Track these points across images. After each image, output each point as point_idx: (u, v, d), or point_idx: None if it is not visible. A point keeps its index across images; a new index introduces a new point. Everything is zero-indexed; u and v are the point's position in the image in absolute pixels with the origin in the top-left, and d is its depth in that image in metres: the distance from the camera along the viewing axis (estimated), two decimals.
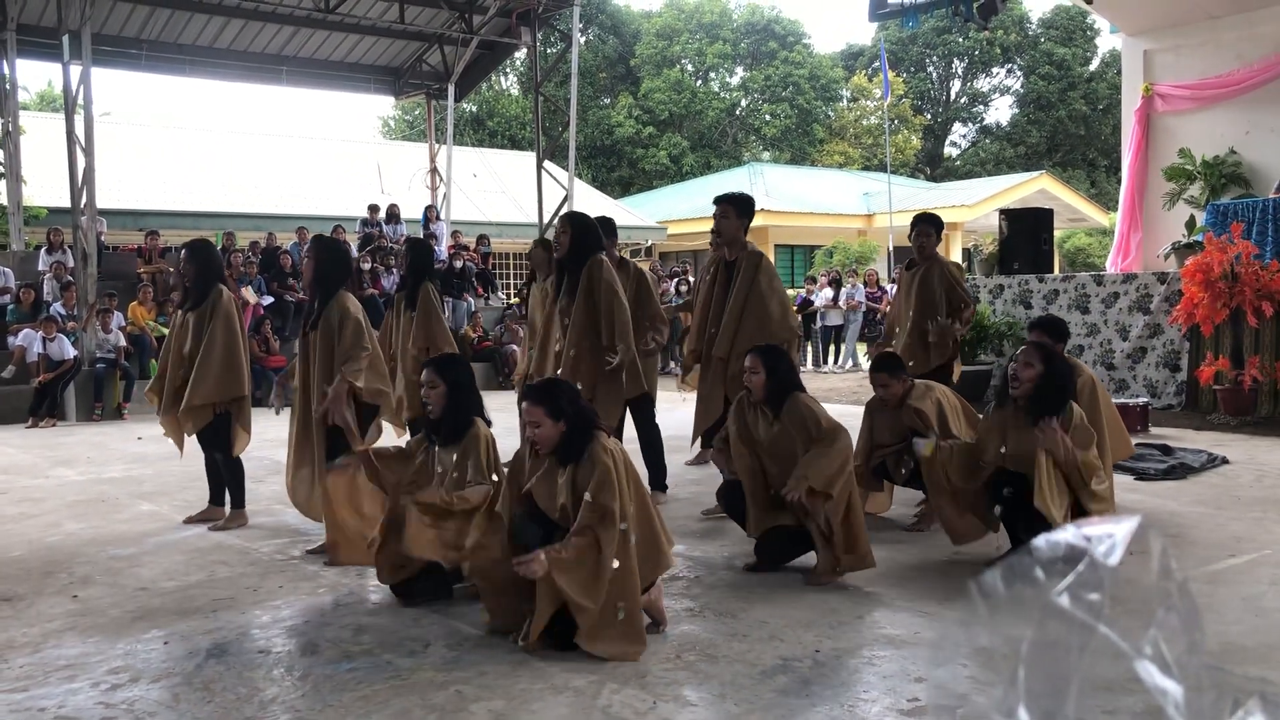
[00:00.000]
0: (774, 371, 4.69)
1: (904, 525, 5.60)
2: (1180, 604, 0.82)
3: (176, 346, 6.00)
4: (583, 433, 3.84)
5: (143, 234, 16.19)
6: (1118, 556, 0.80)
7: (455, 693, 3.34)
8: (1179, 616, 0.81)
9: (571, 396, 3.93)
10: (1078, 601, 0.80)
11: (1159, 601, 0.82)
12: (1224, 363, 9.46)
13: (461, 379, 4.42)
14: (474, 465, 4.24)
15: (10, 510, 6.70)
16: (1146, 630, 0.82)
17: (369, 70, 19.14)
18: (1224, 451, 7.71)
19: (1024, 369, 4.64)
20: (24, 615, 4.36)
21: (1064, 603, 0.80)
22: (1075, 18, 40.94)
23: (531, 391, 3.95)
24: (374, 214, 17.28)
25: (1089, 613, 0.79)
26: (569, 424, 3.82)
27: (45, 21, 14.74)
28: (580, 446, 3.81)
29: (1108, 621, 0.80)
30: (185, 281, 6.12)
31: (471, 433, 4.31)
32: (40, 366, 12.03)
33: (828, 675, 3.45)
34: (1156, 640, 0.79)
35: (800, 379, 4.89)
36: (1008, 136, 43.79)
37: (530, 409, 3.86)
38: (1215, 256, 9.42)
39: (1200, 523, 5.59)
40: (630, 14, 43.64)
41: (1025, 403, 4.62)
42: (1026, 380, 4.61)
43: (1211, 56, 12.96)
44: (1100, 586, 0.79)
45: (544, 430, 3.83)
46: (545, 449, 3.87)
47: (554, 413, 3.82)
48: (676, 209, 29.32)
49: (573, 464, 3.82)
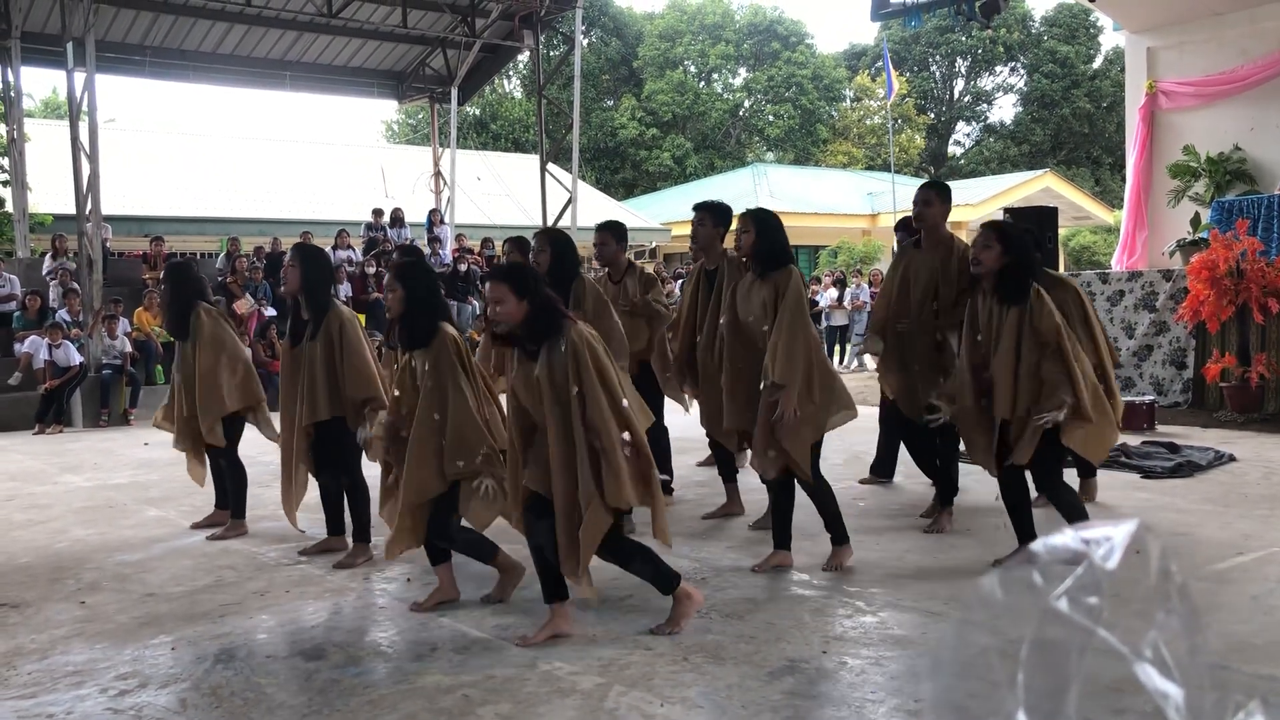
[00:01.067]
0: (764, 234, 4.73)
1: (921, 528, 5.54)
2: (1180, 606, 0.82)
3: (178, 380, 6.06)
4: (549, 314, 3.74)
5: (148, 240, 16.23)
6: (1117, 559, 0.80)
7: (462, 696, 3.34)
8: (1179, 618, 0.81)
9: (537, 279, 3.84)
10: (1078, 604, 0.80)
11: (1159, 603, 0.82)
12: (1230, 360, 9.43)
13: (419, 288, 4.33)
14: (446, 365, 4.20)
15: (18, 517, 6.71)
16: (1148, 631, 0.82)
17: (372, 74, 19.18)
18: (1231, 449, 7.69)
19: (982, 250, 4.55)
20: (32, 621, 4.37)
21: (1064, 605, 0.80)
22: (1078, 15, 40.89)
23: (496, 270, 3.87)
24: (378, 218, 17.30)
25: (1089, 615, 0.79)
26: (533, 304, 3.72)
27: (49, 29, 14.78)
28: (545, 328, 3.72)
29: (1109, 623, 0.80)
30: (162, 308, 6.09)
31: (439, 338, 4.26)
32: (46, 373, 12.06)
33: (835, 676, 3.45)
34: (1157, 642, 0.79)
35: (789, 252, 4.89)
36: (1011, 135, 43.73)
37: (495, 286, 3.75)
38: (1221, 253, 9.40)
39: (1208, 521, 5.58)
40: (633, 16, 43.65)
41: (989, 286, 4.56)
42: (987, 261, 4.54)
43: (1215, 53, 12.92)
44: (1100, 589, 0.79)
45: (507, 307, 3.71)
46: (507, 326, 3.76)
47: (519, 290, 3.73)
48: (680, 210, 29.22)
49: (545, 350, 3.73)
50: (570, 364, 3.66)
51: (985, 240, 4.57)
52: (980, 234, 4.63)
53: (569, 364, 3.66)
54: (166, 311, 6.00)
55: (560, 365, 3.68)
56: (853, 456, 7.86)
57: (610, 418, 3.64)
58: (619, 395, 3.68)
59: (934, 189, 5.63)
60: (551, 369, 3.70)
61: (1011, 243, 4.55)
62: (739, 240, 4.85)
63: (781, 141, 42.45)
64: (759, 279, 4.76)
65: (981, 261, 4.55)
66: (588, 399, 3.63)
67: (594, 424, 3.63)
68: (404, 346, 4.38)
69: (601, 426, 3.62)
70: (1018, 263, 4.53)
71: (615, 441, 3.63)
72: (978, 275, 4.62)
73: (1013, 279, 4.51)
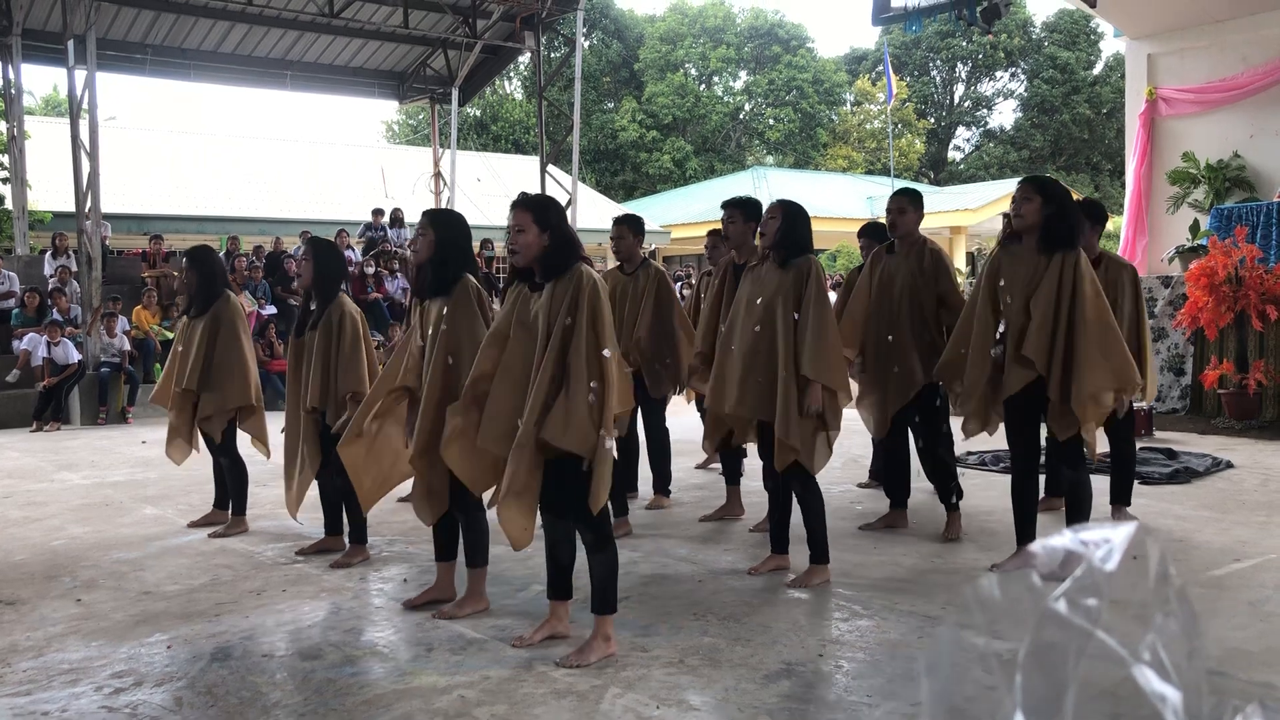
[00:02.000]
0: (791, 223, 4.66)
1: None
2: (1179, 609, 0.82)
3: (182, 353, 6.02)
4: (566, 249, 3.71)
5: (147, 238, 16.23)
6: (1115, 561, 0.80)
7: (458, 697, 3.34)
8: (1178, 621, 0.81)
9: (561, 213, 3.82)
10: (1075, 607, 0.80)
11: (1158, 606, 0.82)
12: (1228, 366, 9.44)
13: (452, 235, 4.32)
14: (465, 313, 4.19)
15: (14, 514, 6.71)
16: (1145, 635, 0.81)
17: (373, 75, 19.18)
18: (1228, 455, 7.69)
19: (1023, 203, 4.49)
20: (27, 619, 4.37)
21: (1061, 609, 0.80)
22: (1079, 22, 40.90)
23: (523, 198, 3.83)
24: (378, 218, 17.31)
25: (1087, 619, 0.79)
26: (553, 237, 3.70)
27: (51, 26, 14.79)
28: (560, 263, 3.69)
29: (1108, 626, 0.80)
30: (189, 289, 6.13)
31: (461, 285, 4.26)
32: (45, 370, 12.06)
33: (831, 680, 3.45)
34: (1155, 645, 0.79)
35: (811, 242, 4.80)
36: (1011, 140, 43.76)
37: (519, 214, 3.72)
38: (1220, 260, 9.41)
39: (1205, 527, 5.58)
40: (634, 18, 43.69)
41: (1033, 239, 4.49)
42: (1028, 215, 4.48)
43: (1216, 60, 12.94)
44: (1099, 591, 0.79)
45: (527, 237, 3.70)
46: (524, 259, 3.73)
47: (541, 222, 3.70)
48: (680, 213, 29.34)
49: (551, 285, 3.70)
50: (570, 296, 3.61)
51: (1024, 194, 4.51)
52: (1018, 189, 4.58)
53: (568, 295, 3.62)
54: (196, 291, 6.02)
55: (560, 297, 3.64)
56: (850, 460, 7.87)
57: (586, 357, 3.56)
58: (603, 342, 3.61)
59: (907, 196, 5.61)
60: (551, 303, 3.65)
61: (1051, 193, 4.50)
62: (764, 227, 4.77)
63: (782, 145, 42.49)
64: (779, 266, 4.71)
65: (1023, 215, 4.49)
66: (574, 334, 3.57)
67: (570, 362, 3.57)
68: (428, 293, 4.34)
69: (575, 365, 3.56)
70: (1059, 213, 4.47)
71: (583, 384, 3.54)
72: (1020, 229, 4.54)
73: (1057, 228, 4.45)
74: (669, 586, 4.60)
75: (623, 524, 5.68)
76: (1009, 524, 4.83)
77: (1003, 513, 5.37)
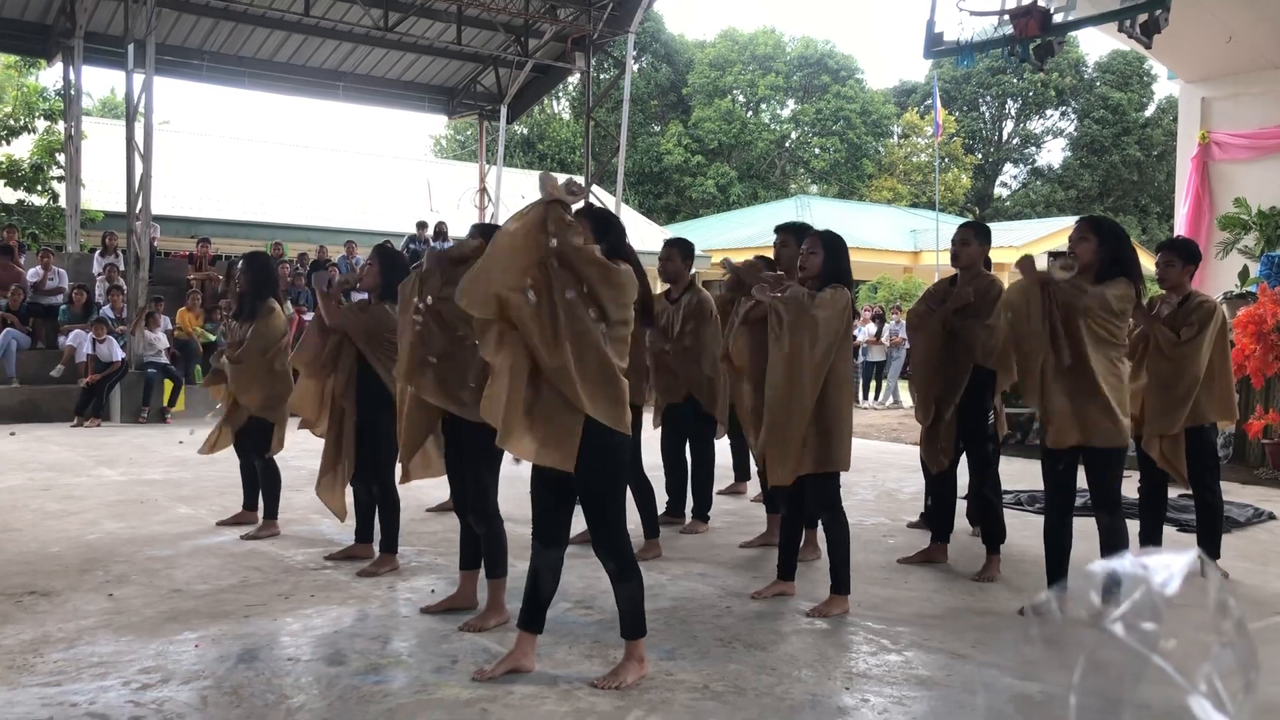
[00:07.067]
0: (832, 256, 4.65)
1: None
2: (1237, 640, 0.79)
3: (230, 352, 6.13)
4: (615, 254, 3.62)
5: (194, 241, 16.46)
6: (1175, 587, 0.78)
7: (481, 710, 3.33)
8: (1235, 652, 0.78)
9: (621, 232, 3.77)
10: (1134, 630, 0.78)
11: (1215, 636, 0.80)
12: (1274, 416, 9.27)
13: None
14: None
15: (52, 506, 6.79)
16: (1202, 664, 0.79)
17: (424, 89, 19.39)
18: (1270, 507, 7.55)
19: (1079, 243, 4.44)
20: (60, 610, 4.41)
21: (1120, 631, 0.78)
22: (1132, 63, 40.62)
23: (588, 209, 3.87)
24: (422, 231, 17.44)
25: (1145, 643, 0.77)
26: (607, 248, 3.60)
27: (112, 30, 15.09)
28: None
29: (1165, 652, 0.78)
30: (240, 291, 6.20)
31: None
32: (89, 367, 12.24)
33: (856, 713, 3.40)
34: (1211, 674, 0.77)
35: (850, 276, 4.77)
36: (1059, 179, 43.45)
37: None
38: (1269, 308, 9.26)
39: (1245, 578, 5.48)
40: (684, 43, 43.91)
41: (1089, 278, 4.39)
42: (1083, 254, 4.40)
43: (1271, 106, 12.80)
44: (1158, 616, 0.77)
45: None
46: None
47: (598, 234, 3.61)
48: (722, 238, 29.32)
49: None
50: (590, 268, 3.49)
51: (1081, 233, 4.46)
52: (1075, 228, 4.54)
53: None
54: (246, 294, 6.11)
55: None
56: (884, 493, 7.80)
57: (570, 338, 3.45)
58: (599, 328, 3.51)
59: (972, 229, 5.58)
60: None
61: (1106, 234, 4.45)
62: (805, 261, 4.72)
63: (826, 174, 42.45)
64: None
65: (1077, 255, 4.44)
66: (577, 307, 3.41)
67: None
68: None
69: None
70: (1114, 257, 4.41)
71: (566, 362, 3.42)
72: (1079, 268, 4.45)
73: (1110, 269, 4.39)
74: (696, 611, 4.57)
75: (653, 546, 5.65)
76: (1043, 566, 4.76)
77: (1038, 554, 5.29)
